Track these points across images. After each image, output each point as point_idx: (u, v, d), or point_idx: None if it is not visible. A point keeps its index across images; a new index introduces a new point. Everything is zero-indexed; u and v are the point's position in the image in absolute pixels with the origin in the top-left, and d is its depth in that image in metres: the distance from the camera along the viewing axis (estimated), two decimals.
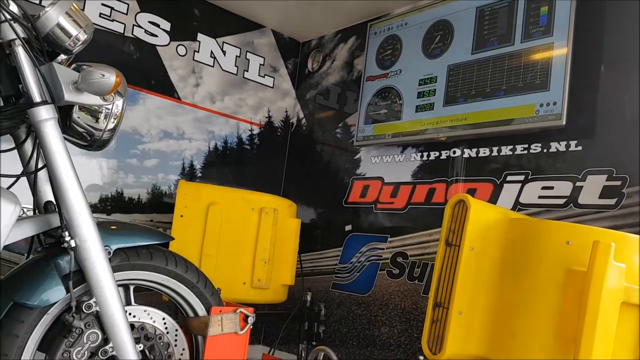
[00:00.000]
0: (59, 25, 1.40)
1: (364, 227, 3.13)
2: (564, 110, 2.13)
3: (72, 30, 1.41)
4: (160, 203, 3.30)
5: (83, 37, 1.43)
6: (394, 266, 2.88)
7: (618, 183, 2.02)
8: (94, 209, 3.05)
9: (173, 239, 1.78)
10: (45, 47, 1.43)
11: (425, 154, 2.85)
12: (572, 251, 1.54)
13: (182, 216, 2.63)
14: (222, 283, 2.56)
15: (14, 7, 1.38)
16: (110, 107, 1.50)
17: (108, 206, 3.10)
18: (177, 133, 3.38)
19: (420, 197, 2.85)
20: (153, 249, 1.69)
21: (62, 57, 1.52)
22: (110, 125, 1.53)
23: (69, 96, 1.37)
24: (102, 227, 1.51)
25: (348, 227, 3.23)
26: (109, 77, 1.32)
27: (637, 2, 2.10)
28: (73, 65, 1.50)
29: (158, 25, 3.25)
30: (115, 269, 1.52)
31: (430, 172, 2.82)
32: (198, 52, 3.42)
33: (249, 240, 2.65)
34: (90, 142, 1.55)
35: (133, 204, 3.22)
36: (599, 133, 2.14)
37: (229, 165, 3.60)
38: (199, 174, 3.47)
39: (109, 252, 1.51)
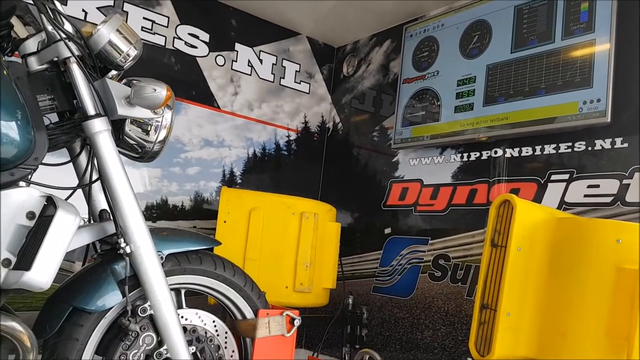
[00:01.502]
0: (110, 42, 1.47)
1: (403, 229, 3.13)
2: (609, 107, 2.09)
3: (123, 47, 1.48)
4: (203, 209, 3.38)
5: (133, 53, 1.49)
6: (436, 268, 2.86)
7: None
8: None
9: (220, 243, 1.83)
10: (98, 64, 1.50)
11: (465, 154, 2.83)
12: (622, 249, 1.51)
13: (225, 222, 2.68)
14: (265, 287, 2.61)
15: (68, 27, 1.46)
16: (160, 119, 1.56)
17: (154, 214, 3.20)
18: (217, 141, 3.45)
19: (462, 198, 2.82)
20: (202, 253, 1.74)
21: (113, 72, 1.59)
22: (161, 137, 1.59)
23: (122, 110, 1.44)
24: (154, 233, 1.56)
25: (387, 230, 3.23)
26: (161, 91, 1.38)
27: None
28: (123, 81, 1.57)
29: (197, 37, 3.34)
30: (167, 274, 1.57)
31: (471, 173, 2.79)
32: (236, 61, 3.50)
33: (290, 245, 2.68)
34: (142, 153, 1.61)
35: (177, 211, 3.31)
36: None
37: (267, 171, 3.66)
38: (239, 180, 3.54)
39: (162, 257, 1.57)
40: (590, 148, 2.26)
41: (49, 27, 1.43)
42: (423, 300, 2.89)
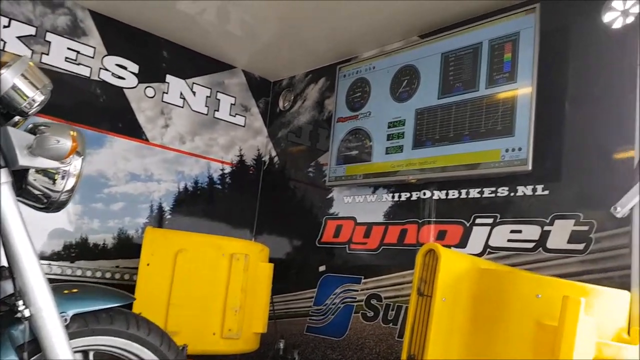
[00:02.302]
0: (14, 87, 1.35)
1: (337, 267, 3.10)
2: (530, 156, 2.16)
3: (29, 92, 1.37)
4: (127, 248, 3.21)
5: (40, 98, 1.38)
6: (369, 308, 2.84)
7: (585, 228, 2.04)
8: (58, 256, 2.95)
9: (134, 299, 1.71)
10: (0, 109, 1.37)
11: (396, 194, 2.85)
12: (542, 304, 1.53)
13: (148, 264, 2.55)
14: (191, 334, 2.50)
15: None
16: (67, 168, 1.45)
17: (72, 253, 3.00)
18: (145, 175, 3.31)
19: (393, 237, 2.83)
20: (115, 311, 1.62)
21: (18, 117, 1.47)
22: (69, 186, 1.47)
23: (23, 160, 1.32)
24: (58, 291, 1.43)
25: (322, 268, 3.19)
26: (65, 142, 1.28)
27: (598, 49, 2.17)
28: (30, 125, 1.45)
29: (125, 68, 3.22)
30: (73, 336, 1.44)
31: (401, 212, 2.82)
32: (167, 93, 3.39)
33: (219, 288, 2.58)
34: (48, 204, 1.48)
35: (98, 250, 3.13)
36: (565, 178, 2.17)
37: (199, 205, 3.55)
38: (168, 216, 3.40)
39: (66, 319, 1.44)
40: (512, 194, 2.33)
41: None
42: (355, 341, 2.85)
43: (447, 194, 2.59)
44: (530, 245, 2.21)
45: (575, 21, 2.25)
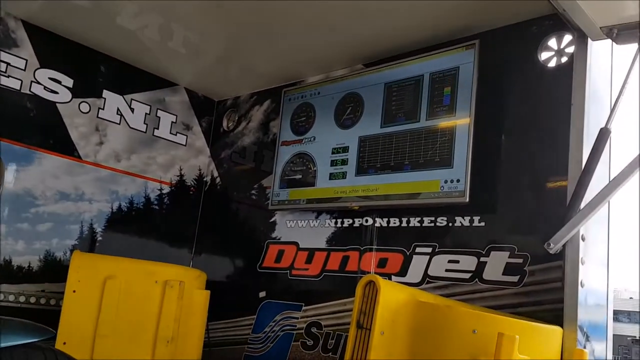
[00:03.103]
0: None
1: (278, 293, 3.03)
2: (467, 188, 2.20)
3: None
4: (54, 271, 3.01)
5: None
6: (309, 337, 2.78)
7: (520, 260, 2.09)
8: None
9: (53, 334, 1.59)
10: None
11: (339, 220, 2.83)
12: (478, 340, 1.53)
13: (74, 291, 2.39)
14: None
15: None
16: None
17: None
18: (76, 194, 3.13)
19: (335, 264, 2.80)
20: (31, 347, 1.49)
21: None
22: None
23: None
24: None
25: (262, 294, 3.11)
26: None
27: (534, 86, 2.25)
28: None
29: (59, 82, 3.05)
30: None
31: (344, 239, 2.80)
32: (103, 109, 3.24)
33: (150, 318, 2.45)
34: None
35: (22, 273, 2.91)
36: (500, 210, 2.22)
37: (135, 226, 3.39)
38: (100, 238, 3.22)
39: None
40: (451, 224, 2.36)
41: None
42: None
43: (388, 222, 2.59)
44: (467, 275, 2.24)
45: (512, 58, 2.33)
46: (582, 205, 1.77)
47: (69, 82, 3.09)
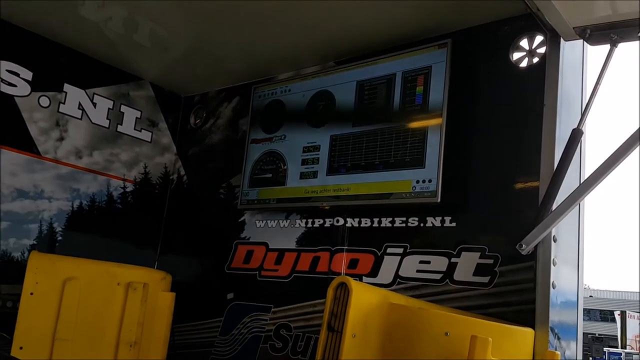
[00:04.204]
0: None
1: (247, 295, 2.96)
2: (439, 188, 2.18)
3: None
4: (11, 272, 2.86)
5: None
6: (277, 339, 2.73)
7: (491, 261, 2.08)
8: None
9: (8, 338, 1.48)
10: None
11: (310, 220, 2.79)
12: (450, 343, 1.51)
13: (32, 294, 2.28)
14: None
15: None
16: None
17: None
18: (35, 192, 2.99)
19: (305, 265, 2.75)
20: None
21: None
22: None
23: None
24: None
25: (230, 296, 3.03)
26: None
27: (505, 85, 2.25)
28: None
29: (18, 75, 2.91)
30: None
31: (314, 239, 2.75)
32: (64, 103, 3.11)
33: (112, 321, 2.36)
34: None
35: None
36: (471, 210, 2.21)
37: (96, 225, 3.26)
38: (60, 238, 3.09)
39: None
40: (422, 225, 2.34)
41: None
42: None
43: (359, 222, 2.56)
44: (438, 276, 2.22)
45: (484, 58, 2.33)
46: (554, 206, 1.77)
47: (28, 74, 2.94)
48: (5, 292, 2.83)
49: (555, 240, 1.85)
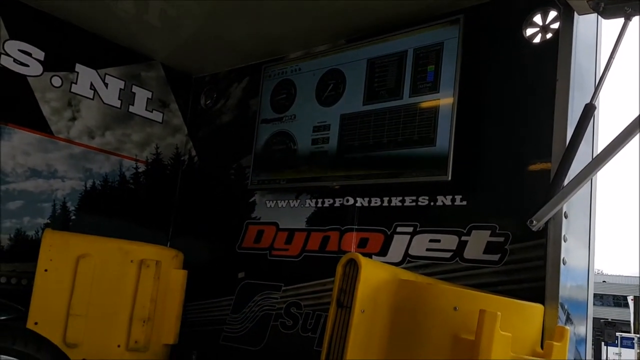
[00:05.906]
0: None
1: (258, 274, 2.98)
2: (450, 166, 2.17)
3: None
4: (26, 250, 2.91)
5: None
6: (288, 317, 2.75)
7: (501, 239, 2.07)
8: None
9: (22, 311, 1.52)
10: None
11: (319, 200, 2.79)
12: (459, 317, 1.52)
13: (46, 270, 2.32)
14: (93, 347, 2.30)
15: None
16: None
17: None
18: (48, 171, 3.03)
19: (315, 244, 2.77)
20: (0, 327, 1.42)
21: None
22: None
23: None
24: None
25: (241, 274, 3.06)
26: None
27: (518, 62, 2.22)
28: None
29: (30, 54, 2.93)
30: None
31: (324, 219, 2.75)
32: (76, 83, 3.12)
33: (126, 297, 2.39)
34: None
35: None
36: (482, 189, 2.20)
37: (109, 205, 3.30)
38: (73, 217, 3.13)
39: None
40: (432, 203, 2.33)
41: None
42: (273, 350, 2.75)
43: (369, 202, 2.56)
44: (448, 255, 2.22)
45: (497, 34, 2.29)
46: (566, 182, 1.75)
47: (40, 54, 2.96)
48: (21, 270, 2.88)
49: (566, 217, 1.84)
